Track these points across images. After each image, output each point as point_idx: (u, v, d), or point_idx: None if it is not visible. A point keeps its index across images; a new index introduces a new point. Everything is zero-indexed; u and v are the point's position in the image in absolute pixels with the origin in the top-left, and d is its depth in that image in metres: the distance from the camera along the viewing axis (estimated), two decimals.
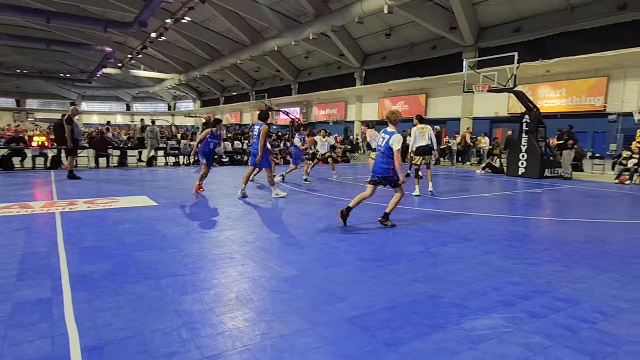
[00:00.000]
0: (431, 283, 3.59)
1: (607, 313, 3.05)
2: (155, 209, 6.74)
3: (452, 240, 5.12)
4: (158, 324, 2.70)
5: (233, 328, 2.68)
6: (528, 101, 13.88)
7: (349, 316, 2.89)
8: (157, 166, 15.18)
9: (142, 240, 4.78)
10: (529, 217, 7.07)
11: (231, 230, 5.38)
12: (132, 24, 24.80)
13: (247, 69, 41.25)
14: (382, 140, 5.74)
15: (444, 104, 26.71)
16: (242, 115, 48.47)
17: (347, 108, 34.41)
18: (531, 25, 21.66)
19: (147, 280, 3.48)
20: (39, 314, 2.80)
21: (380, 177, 5.72)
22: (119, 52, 36.75)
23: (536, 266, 4.14)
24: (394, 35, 26.89)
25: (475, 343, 2.56)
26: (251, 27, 30.62)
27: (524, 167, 13.60)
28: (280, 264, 4.01)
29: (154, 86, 54.10)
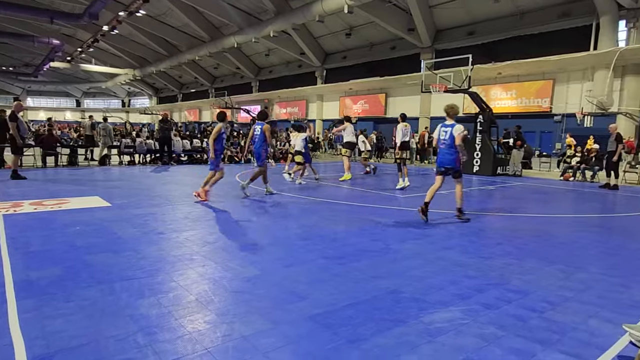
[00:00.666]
0: (392, 279, 3.67)
1: (553, 302, 3.24)
2: (108, 210, 6.45)
3: (411, 236, 5.26)
4: (112, 330, 2.58)
5: (193, 331, 2.62)
6: (481, 101, 14.47)
7: (311, 314, 2.90)
8: (110, 165, 14.53)
9: (95, 243, 4.56)
10: (483, 213, 7.38)
11: (190, 231, 5.24)
12: (82, 15, 23.57)
13: (206, 66, 40.33)
14: (444, 133, 6.18)
15: (402, 103, 27.33)
16: (200, 113, 47.35)
17: (308, 106, 34.45)
18: (484, 29, 22.59)
19: (100, 285, 3.32)
20: None
21: (446, 168, 6.29)
22: (67, 44, 34.84)
23: (490, 260, 4.33)
24: (354, 34, 27.19)
25: (434, 336, 2.64)
26: (209, 22, 29.96)
27: (477, 165, 14.18)
28: (241, 264, 3.96)
29: (106, 81, 51.71)
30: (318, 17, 22.45)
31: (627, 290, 3.54)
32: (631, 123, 19.17)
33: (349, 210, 7.01)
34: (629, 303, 3.27)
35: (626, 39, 19.01)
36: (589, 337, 2.68)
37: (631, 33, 18.69)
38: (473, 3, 21.42)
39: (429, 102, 25.01)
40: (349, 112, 30.11)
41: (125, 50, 39.56)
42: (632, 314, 3.04)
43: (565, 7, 20.07)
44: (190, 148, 16.79)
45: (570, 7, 19.95)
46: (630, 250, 4.89)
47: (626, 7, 18.16)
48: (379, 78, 26.08)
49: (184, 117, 49.65)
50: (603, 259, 4.52)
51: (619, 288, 3.58)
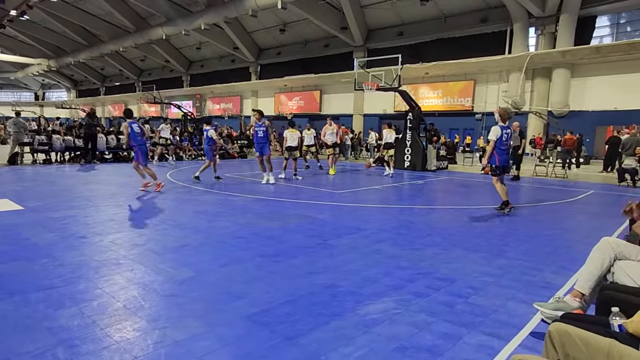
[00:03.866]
0: (328, 274, 3.72)
1: (476, 287, 3.49)
2: (20, 214, 5.85)
3: (346, 231, 5.37)
4: (28, 345, 2.35)
5: (120, 340, 2.46)
6: (411, 100, 15.15)
7: (247, 313, 2.85)
8: (22, 164, 13.17)
9: (4, 251, 4.11)
10: (414, 206, 7.76)
11: (117, 233, 4.92)
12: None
13: (132, 57, 38.01)
14: (506, 135, 6.65)
15: (337, 101, 27.82)
16: (125, 107, 44.56)
17: (242, 102, 33.84)
18: (412, 30, 23.65)
19: (11, 297, 3.00)
20: None
21: (503, 167, 6.79)
22: None
23: (420, 250, 4.56)
24: (288, 31, 27.15)
25: (369, 326, 2.72)
26: (134, 11, 28.25)
27: (408, 161, 14.85)
28: (174, 266, 3.79)
29: (16, 72, 46.79)
30: (251, 12, 22.08)
31: (540, 273, 3.91)
32: (540, 121, 21.19)
33: (284, 207, 7.00)
34: (542, 285, 3.62)
35: (535, 45, 20.95)
36: (507, 318, 2.92)
37: (540, 39, 20.63)
38: (402, 5, 22.32)
39: (362, 99, 25.70)
40: (284, 109, 30.05)
41: (38, 38, 36.02)
42: (544, 294, 3.37)
43: (483, 13, 21.63)
44: (115, 145, 15.71)
45: (488, 14, 21.54)
46: (541, 237, 5.41)
47: (535, 16, 19.99)
48: (314, 75, 26.31)
49: (108, 112, 46.40)
50: (518, 245, 4.95)
51: (533, 272, 3.95)
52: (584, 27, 20.21)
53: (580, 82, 20.50)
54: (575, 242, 5.25)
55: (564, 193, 9.83)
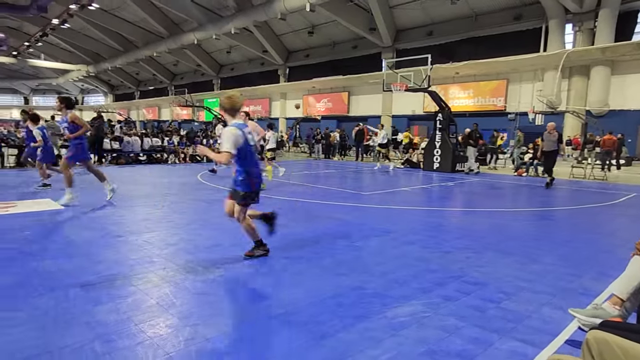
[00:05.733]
0: (355, 275, 3.71)
1: (508, 292, 3.39)
2: (61, 213, 6.13)
3: (374, 232, 5.34)
4: (67, 339, 2.46)
5: (154, 336, 2.54)
6: (440, 100, 14.91)
7: (275, 313, 2.88)
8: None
9: (46, 248, 4.32)
10: (444, 208, 7.62)
11: (150, 233, 5.08)
12: (29, 7, 22.25)
13: (165, 62, 39.16)
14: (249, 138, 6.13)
15: (365, 102, 27.70)
16: (160, 111, 45.92)
17: (271, 105, 34.22)
18: (442, 29, 23.26)
19: (52, 292, 3.16)
20: None
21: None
22: (13, 38, 32.75)
23: (450, 253, 4.47)
24: (316, 33, 27.26)
25: (397, 329, 2.69)
26: (168, 17, 29.11)
27: (438, 162, 14.60)
28: (205, 265, 3.88)
29: (57, 78, 49.12)
30: (280, 15, 22.32)
31: (577, 279, 3.76)
32: (577, 121, 20.37)
33: (311, 208, 7.03)
34: (579, 291, 3.48)
35: (573, 42, 20.17)
36: (541, 324, 2.82)
37: (577, 36, 19.85)
38: (431, 4, 22.00)
39: (390, 100, 25.48)
40: (312, 111, 30.18)
41: (78, 45, 37.69)
42: (581, 301, 3.24)
43: (517, 11, 21.02)
44: (148, 147, 16.24)
45: (521, 11, 20.92)
46: (578, 241, 5.20)
47: (572, 12, 19.26)
48: (342, 77, 26.29)
49: (142, 116, 47.98)
50: (554, 250, 4.78)
51: (569, 277, 3.80)
52: (625, 22, 19.29)
53: (621, 80, 19.58)
54: (615, 247, 5.01)
55: (603, 196, 9.41)
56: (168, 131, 19.87)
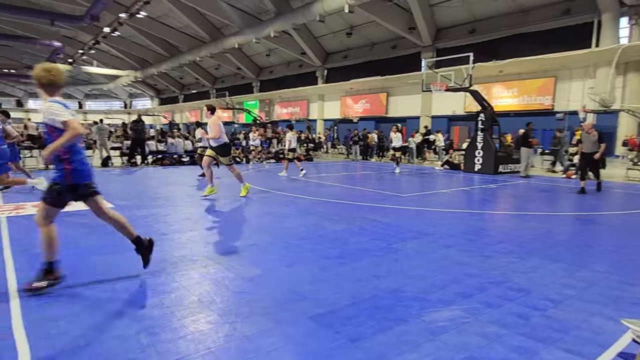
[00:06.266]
0: (393, 278, 3.67)
1: (555, 300, 3.23)
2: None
3: (412, 235, 5.25)
4: (115, 331, 2.60)
5: (195, 331, 2.63)
6: (483, 100, 14.45)
7: (312, 314, 2.90)
8: (112, 166, 14.56)
9: (98, 244, 4.58)
10: (485, 211, 7.38)
11: (192, 232, 5.26)
12: (83, 17, 23.64)
13: (207, 66, 40.39)
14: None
15: (404, 103, 27.32)
16: (202, 114, 47.38)
17: (309, 106, 34.45)
18: (485, 26, 22.55)
19: (102, 285, 3.34)
20: None
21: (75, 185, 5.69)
22: (68, 46, 34.93)
23: (491, 258, 4.32)
24: (355, 34, 27.19)
25: (436, 334, 2.64)
26: (210, 23, 30.00)
27: (479, 164, 14.16)
28: (243, 264, 3.96)
29: (107, 83, 51.86)
30: (319, 17, 22.44)
31: (630, 288, 3.53)
32: (633, 120, 19.09)
33: (349, 209, 7.01)
34: (632, 301, 3.27)
35: (628, 36, 18.94)
36: (591, 335, 2.67)
37: (633, 30, 18.62)
38: (474, 1, 21.39)
39: (430, 100, 24.98)
40: (350, 112, 30.11)
41: (127, 52, 39.64)
42: (635, 311, 3.04)
43: (566, 5, 20.02)
44: (192, 149, 16.80)
45: (571, 5, 19.89)
46: (632, 248, 4.88)
47: (627, 4, 18.09)
48: (380, 77, 26.05)
49: (186, 118, 49.73)
50: (605, 257, 4.51)
51: (622, 286, 3.58)
52: None
53: None
54: None
55: None
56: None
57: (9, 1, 24.65)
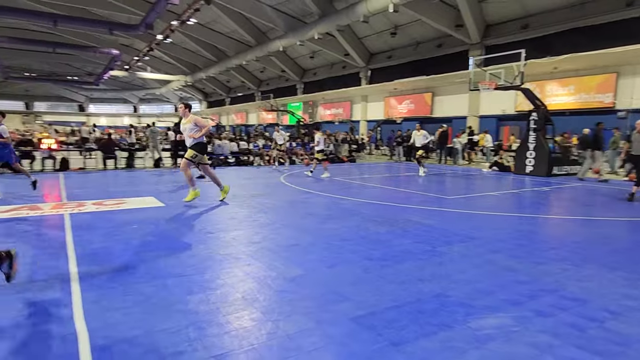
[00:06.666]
0: (437, 282, 3.58)
1: (615, 311, 3.02)
2: (161, 210, 6.79)
3: (458, 238, 5.10)
4: (165, 324, 2.72)
5: (239, 327, 2.70)
6: (535, 98, 13.77)
7: (354, 315, 2.89)
8: (163, 167, 15.26)
9: (149, 241, 4.81)
10: (536, 215, 7.02)
11: (237, 231, 5.40)
12: (138, 26, 24.93)
13: (252, 70, 41.35)
14: None
15: (449, 102, 26.60)
16: (247, 116, 48.58)
17: (352, 107, 34.38)
18: (538, 21, 21.50)
19: (154, 280, 3.51)
20: (49, 314, 2.83)
21: None
22: (125, 54, 36.95)
23: (543, 265, 4.11)
24: (399, 33, 26.82)
25: (482, 342, 2.55)
26: (256, 27, 30.71)
27: (531, 165, 13.50)
28: (285, 264, 4.02)
29: (160, 87, 54.41)
30: (362, 18, 22.32)
31: None
32: None
33: (392, 211, 6.92)
34: None
35: None
36: None
37: None
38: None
39: (477, 100, 24.13)
40: (393, 113, 29.74)
41: (178, 58, 41.41)
42: None
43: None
44: (237, 150, 17.28)
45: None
46: None
47: None
48: (425, 77, 25.51)
49: (231, 120, 51.17)
50: None
51: None
52: None
53: None
54: None
55: None
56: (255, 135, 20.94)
57: (73, 13, 26.54)
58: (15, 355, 2.32)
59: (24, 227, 5.39)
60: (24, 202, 7.13)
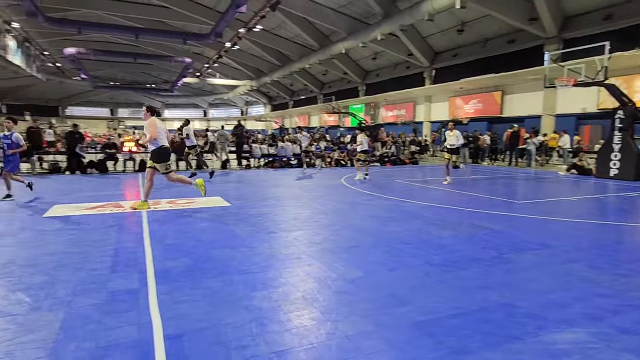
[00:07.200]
0: (505, 291, 3.39)
1: None
2: (228, 209, 7.11)
3: (530, 246, 4.79)
4: (230, 318, 2.85)
5: (300, 326, 2.76)
6: (622, 95, 12.55)
7: (414, 321, 2.83)
8: (230, 169, 15.98)
9: (217, 239, 5.07)
10: (622, 223, 6.39)
11: (299, 231, 5.51)
12: (209, 35, 26.45)
13: (315, 73, 41.96)
14: None
15: (521, 101, 25.04)
16: (310, 119, 49.37)
17: (415, 108, 33.62)
18: (624, 11, 19.58)
19: (221, 276, 3.69)
20: (128, 303, 3.09)
21: None
22: (197, 62, 39.31)
23: (629, 277, 3.73)
24: (466, 31, 25.79)
25: (556, 358, 2.38)
26: (319, 31, 31.14)
27: (616, 168, 12.31)
28: (345, 265, 4.03)
29: (227, 93, 57.08)
30: (427, 17, 21.75)
31: None
32: None
33: (456, 215, 6.66)
34: None
35: None
36: None
37: None
38: None
39: (554, 98, 22.46)
40: (459, 114, 28.63)
41: (244, 64, 43.18)
42: None
43: None
44: (299, 152, 17.61)
45: None
46: None
47: None
48: (495, 75, 24.25)
49: (295, 123, 52.31)
50: None
51: None
52: None
53: None
54: None
55: None
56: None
57: (152, 26, 28.77)
58: (98, 339, 2.56)
59: (109, 222, 5.93)
60: (109, 200, 7.84)
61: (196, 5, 27.32)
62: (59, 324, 2.74)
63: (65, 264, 3.99)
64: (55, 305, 3.04)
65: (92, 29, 27.09)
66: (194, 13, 27.49)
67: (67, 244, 4.73)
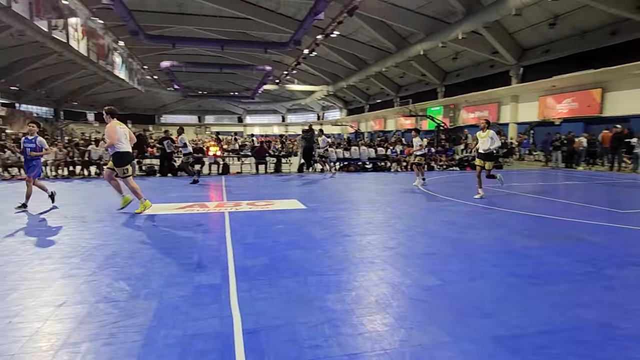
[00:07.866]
0: (602, 310, 3.05)
1: None
2: (304, 212, 7.28)
3: (633, 260, 4.26)
4: (304, 317, 2.92)
5: (372, 330, 2.73)
6: None
7: (495, 334, 2.66)
8: (305, 172, 16.36)
9: (293, 240, 5.22)
10: None
11: (373, 235, 5.47)
12: (288, 43, 27.42)
13: (392, 76, 41.41)
14: None
15: (627, 99, 22.36)
16: (385, 122, 48.81)
17: (500, 109, 31.66)
18: None
19: (296, 277, 3.79)
20: (211, 297, 3.31)
21: None
22: (276, 69, 40.92)
23: None
24: (559, 24, 23.73)
25: None
26: (396, 33, 30.72)
27: None
28: (420, 272, 3.92)
29: (305, 98, 58.55)
30: (514, 11, 20.39)
31: None
32: None
33: (544, 224, 6.14)
34: None
35: None
36: None
37: None
38: None
39: None
40: (550, 113, 26.41)
41: (321, 69, 44.01)
42: None
43: None
44: (375, 156, 17.50)
45: None
46: None
47: None
48: (593, 70, 21.97)
49: (370, 127, 52.04)
50: None
51: None
52: None
53: None
54: None
55: None
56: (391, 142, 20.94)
57: (235, 37, 30.61)
58: (185, 328, 2.77)
59: (196, 221, 6.40)
60: (195, 200, 8.46)
61: (276, 15, 28.48)
62: (152, 312, 3.02)
63: (158, 257, 4.39)
64: (149, 294, 3.36)
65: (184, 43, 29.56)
66: (274, 22, 28.68)
67: (160, 240, 5.19)
